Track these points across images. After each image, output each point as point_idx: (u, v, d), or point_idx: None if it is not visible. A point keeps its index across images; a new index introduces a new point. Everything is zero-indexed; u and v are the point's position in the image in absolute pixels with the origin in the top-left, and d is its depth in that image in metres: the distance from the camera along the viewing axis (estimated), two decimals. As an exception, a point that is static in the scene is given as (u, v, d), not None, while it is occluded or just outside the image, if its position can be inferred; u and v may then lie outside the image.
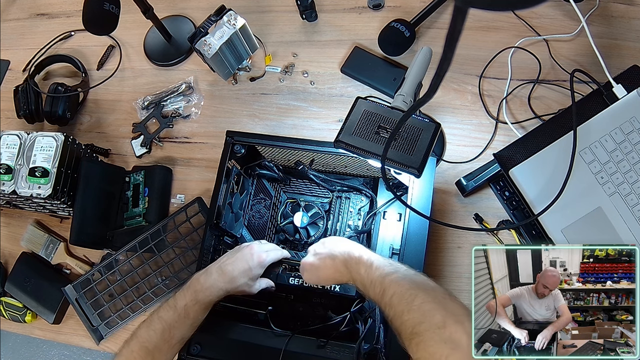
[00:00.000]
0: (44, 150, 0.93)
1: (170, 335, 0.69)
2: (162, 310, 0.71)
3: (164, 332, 0.68)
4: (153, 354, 0.68)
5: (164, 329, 0.69)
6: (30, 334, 1.01)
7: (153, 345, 0.68)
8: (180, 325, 0.70)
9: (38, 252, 1.02)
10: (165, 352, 0.69)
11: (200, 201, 0.97)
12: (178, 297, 0.71)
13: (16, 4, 1.27)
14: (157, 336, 0.68)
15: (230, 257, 0.75)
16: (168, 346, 0.69)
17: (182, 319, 0.69)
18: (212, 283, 0.72)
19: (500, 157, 0.83)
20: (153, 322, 0.70)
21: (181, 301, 0.71)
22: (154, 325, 0.69)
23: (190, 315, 0.70)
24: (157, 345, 0.68)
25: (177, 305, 0.70)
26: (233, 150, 0.85)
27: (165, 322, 0.69)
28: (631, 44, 0.92)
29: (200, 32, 0.93)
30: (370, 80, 0.99)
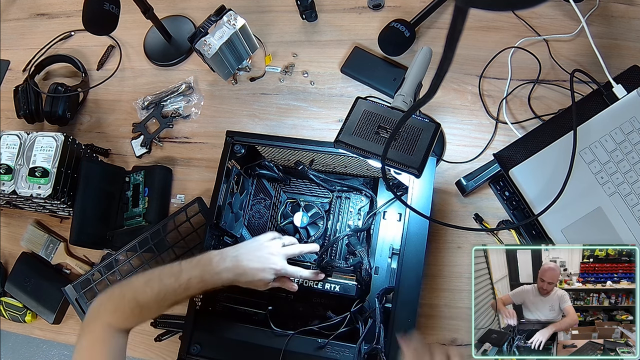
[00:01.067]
0: (44, 150, 0.93)
1: (164, 300, 0.69)
2: (164, 273, 0.70)
3: (159, 295, 0.69)
4: (142, 308, 0.69)
5: (160, 292, 0.69)
6: (30, 334, 1.01)
7: (145, 302, 0.69)
8: (177, 295, 0.70)
9: (38, 252, 1.02)
10: (153, 312, 0.71)
11: (200, 201, 0.97)
12: (184, 268, 0.71)
13: (16, 4, 1.27)
14: (151, 295, 0.69)
15: (250, 252, 0.73)
16: (157, 308, 0.70)
17: (181, 290, 0.69)
18: (223, 269, 0.71)
19: (500, 157, 0.83)
20: (152, 281, 0.70)
21: (186, 274, 0.70)
22: (152, 284, 0.69)
23: (190, 289, 0.70)
24: (147, 303, 0.69)
25: (181, 277, 0.70)
26: (233, 150, 0.85)
27: (164, 286, 0.69)
28: (631, 44, 0.92)
29: (200, 32, 0.93)
30: (370, 80, 0.99)
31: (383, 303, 0.76)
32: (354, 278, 0.78)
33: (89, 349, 0.66)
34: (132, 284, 0.70)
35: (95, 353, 0.65)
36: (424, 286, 0.84)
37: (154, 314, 0.72)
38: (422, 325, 0.84)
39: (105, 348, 0.66)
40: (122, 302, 0.69)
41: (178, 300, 0.70)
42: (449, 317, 0.84)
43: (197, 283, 0.70)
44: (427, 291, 0.85)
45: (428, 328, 0.84)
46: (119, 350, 0.67)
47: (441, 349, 0.62)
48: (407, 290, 0.72)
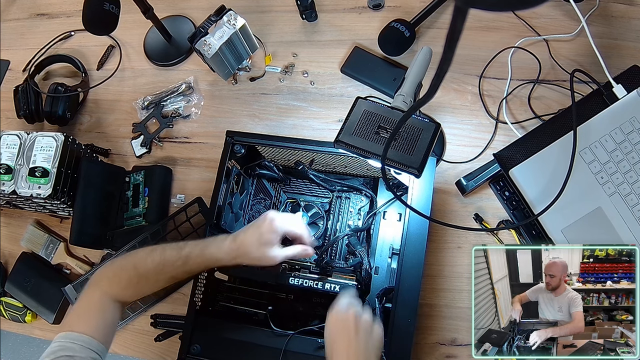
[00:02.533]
0: (44, 150, 0.93)
1: (163, 272, 0.71)
2: (168, 247, 0.73)
3: (159, 266, 0.71)
4: (139, 278, 0.71)
5: (160, 263, 0.71)
6: (30, 334, 1.01)
7: (144, 271, 0.71)
8: (176, 269, 0.72)
9: (38, 252, 1.02)
10: (151, 283, 0.72)
11: (200, 201, 0.97)
12: (188, 244, 0.73)
13: (16, 4, 1.27)
14: (152, 266, 0.71)
15: (246, 225, 0.75)
16: (155, 279, 0.72)
17: (180, 264, 0.71)
18: (222, 244, 0.73)
19: (500, 157, 0.83)
20: (155, 252, 0.72)
21: (188, 248, 0.72)
22: (154, 255, 0.72)
23: (188, 263, 0.72)
24: (147, 273, 0.71)
25: (183, 251, 0.72)
26: (233, 150, 0.85)
27: (165, 258, 0.71)
28: (631, 44, 0.92)
29: (200, 32, 0.93)
30: (370, 80, 0.99)
31: (383, 303, 0.76)
32: (354, 278, 0.78)
33: (84, 312, 0.68)
34: (135, 254, 0.73)
35: (90, 317, 0.67)
36: (424, 286, 0.84)
37: (151, 286, 0.73)
38: (422, 325, 0.84)
39: (100, 314, 0.68)
40: (122, 271, 0.72)
41: (176, 274, 0.72)
42: (449, 317, 0.84)
43: (196, 257, 0.72)
44: (427, 291, 0.85)
45: (428, 328, 0.84)
46: (111, 319, 0.69)
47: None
48: (407, 290, 0.72)
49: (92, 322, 0.66)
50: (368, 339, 0.64)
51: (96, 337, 0.65)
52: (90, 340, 0.64)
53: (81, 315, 0.68)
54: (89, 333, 0.64)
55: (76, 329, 0.65)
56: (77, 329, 0.65)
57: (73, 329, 0.65)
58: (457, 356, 0.83)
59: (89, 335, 0.64)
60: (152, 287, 0.73)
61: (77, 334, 0.64)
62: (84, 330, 0.65)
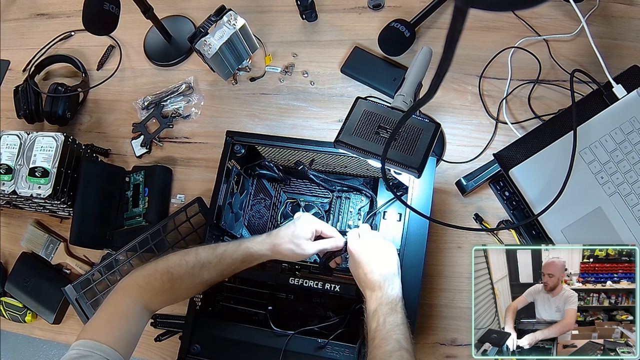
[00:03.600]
0: (44, 150, 0.93)
1: (198, 274, 0.70)
2: (201, 249, 0.72)
3: (194, 268, 0.70)
4: (173, 282, 0.69)
5: (196, 264, 0.70)
6: (30, 334, 1.01)
7: (178, 275, 0.69)
8: (210, 270, 0.71)
9: (38, 252, 1.02)
10: (186, 287, 0.70)
11: (200, 201, 0.97)
12: (221, 244, 0.73)
13: (16, 4, 1.27)
14: (186, 269, 0.69)
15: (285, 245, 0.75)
16: (191, 282, 0.70)
17: (215, 262, 0.71)
18: (256, 238, 0.74)
19: (500, 157, 0.83)
20: (189, 254, 0.71)
21: (222, 247, 0.72)
22: (188, 257, 0.71)
23: (224, 262, 0.71)
24: (181, 277, 0.69)
25: (217, 250, 0.72)
26: (233, 150, 0.85)
27: (199, 259, 0.70)
28: (631, 44, 0.92)
29: (200, 32, 0.93)
30: (370, 80, 0.99)
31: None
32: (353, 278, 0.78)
33: (109, 320, 0.65)
34: (167, 259, 0.71)
35: (114, 326, 0.64)
36: (424, 286, 0.84)
37: (184, 291, 0.70)
38: (422, 325, 0.84)
39: (125, 324, 0.65)
40: (155, 276, 0.69)
41: (212, 275, 0.71)
42: (449, 317, 0.84)
43: (232, 254, 0.72)
44: (427, 291, 0.85)
45: (428, 328, 0.84)
46: (136, 330, 0.66)
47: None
48: (407, 290, 0.72)
49: (115, 332, 0.63)
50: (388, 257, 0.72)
51: (117, 349, 0.61)
52: (111, 351, 0.60)
53: (105, 323, 0.64)
54: (110, 344, 0.61)
55: (98, 338, 0.61)
56: (98, 337, 0.61)
57: (95, 337, 0.61)
58: (457, 356, 0.83)
59: (110, 347, 0.60)
60: (184, 292, 0.71)
61: (97, 344, 0.60)
62: (106, 340, 0.61)
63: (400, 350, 0.63)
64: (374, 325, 0.66)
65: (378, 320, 0.66)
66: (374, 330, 0.65)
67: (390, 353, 0.62)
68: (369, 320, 0.67)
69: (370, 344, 0.65)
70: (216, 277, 0.72)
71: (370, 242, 0.74)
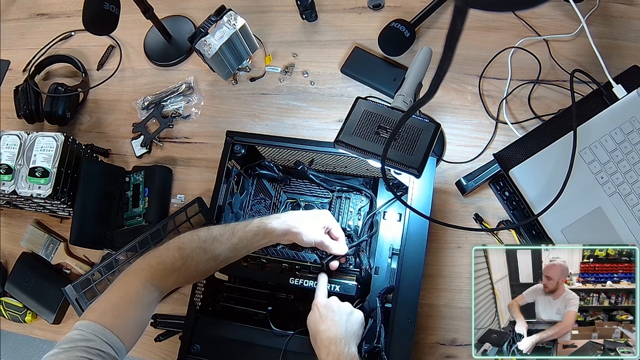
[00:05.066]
0: (44, 151, 0.93)
1: (210, 247, 0.70)
2: (214, 226, 0.73)
3: (206, 242, 0.70)
4: (185, 259, 0.68)
5: (207, 238, 0.70)
6: (30, 334, 1.01)
7: (190, 249, 0.69)
8: (222, 242, 0.71)
9: (38, 252, 1.02)
10: (197, 262, 0.69)
11: (200, 201, 0.97)
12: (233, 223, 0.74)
13: (16, 4, 1.27)
14: (198, 243, 0.70)
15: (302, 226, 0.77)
16: (203, 257, 0.70)
17: (228, 235, 0.71)
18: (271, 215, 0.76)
19: (500, 157, 0.83)
20: (201, 230, 0.71)
21: (234, 223, 0.73)
22: (199, 232, 0.71)
23: (235, 234, 0.71)
24: (193, 251, 0.69)
25: (229, 225, 0.73)
26: (233, 150, 0.85)
27: (211, 233, 0.71)
28: (631, 44, 0.92)
29: (200, 32, 0.93)
30: (370, 80, 0.99)
31: (384, 303, 0.76)
32: (354, 278, 0.78)
33: (117, 305, 0.63)
34: (178, 237, 0.71)
35: (121, 311, 0.63)
36: (424, 286, 0.84)
37: (195, 268, 0.69)
38: (422, 325, 0.84)
39: (133, 309, 0.64)
40: (165, 253, 0.68)
41: (223, 250, 0.71)
42: (449, 317, 0.84)
43: (244, 227, 0.72)
44: (427, 291, 0.85)
45: (428, 328, 0.84)
46: (145, 316, 0.66)
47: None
48: (407, 290, 0.72)
49: (123, 318, 0.62)
50: (349, 319, 0.72)
51: (122, 337, 0.60)
52: (114, 338, 0.59)
53: (114, 307, 0.62)
54: (115, 330, 0.59)
55: (103, 322, 0.59)
56: (104, 321, 0.59)
57: (100, 320, 0.59)
58: (457, 356, 0.83)
59: (115, 334, 0.59)
60: (197, 269, 0.70)
61: (101, 327, 0.59)
62: (112, 325, 0.59)
63: None
64: None
65: None
66: None
67: None
68: None
69: None
70: (228, 253, 0.71)
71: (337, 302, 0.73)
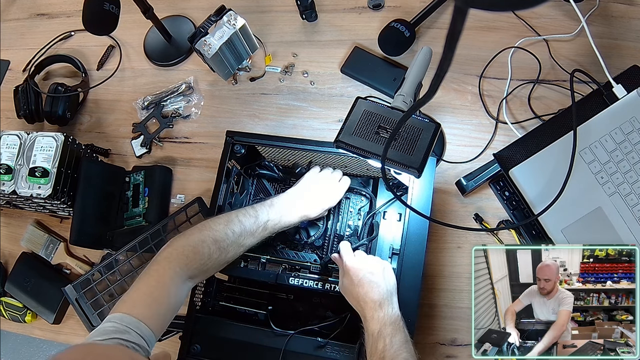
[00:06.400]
0: (44, 150, 0.93)
1: (244, 242, 0.72)
2: (242, 215, 0.73)
3: (240, 237, 0.71)
4: (221, 252, 0.70)
5: (242, 233, 0.71)
6: (30, 334, 1.02)
7: (225, 245, 0.70)
8: (254, 236, 0.72)
9: (38, 252, 1.02)
10: (233, 254, 0.71)
11: (200, 201, 0.97)
12: (259, 211, 0.74)
13: (16, 4, 1.27)
14: (233, 238, 0.71)
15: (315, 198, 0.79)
16: (237, 250, 0.71)
17: (259, 231, 0.73)
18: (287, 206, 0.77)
19: (500, 157, 0.83)
20: (233, 223, 0.72)
21: (264, 216, 0.73)
22: (233, 227, 0.71)
23: (267, 230, 0.73)
24: (228, 247, 0.70)
25: (259, 218, 0.73)
26: (233, 150, 0.85)
27: (244, 227, 0.72)
28: (631, 44, 0.92)
29: (200, 32, 0.93)
30: (370, 80, 0.99)
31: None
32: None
33: (149, 294, 0.63)
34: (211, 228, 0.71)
35: (154, 299, 0.63)
36: (424, 286, 0.84)
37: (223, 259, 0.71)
38: (422, 325, 0.84)
39: (166, 299, 0.64)
40: (202, 245, 0.69)
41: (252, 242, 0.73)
42: (449, 317, 0.84)
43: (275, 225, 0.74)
44: (427, 291, 0.85)
45: (428, 328, 0.84)
46: (176, 304, 0.66)
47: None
48: (407, 290, 0.72)
49: (155, 308, 0.62)
50: (385, 275, 0.72)
51: (153, 327, 0.60)
52: (147, 330, 0.59)
53: (146, 297, 0.63)
54: (147, 321, 0.60)
55: (136, 313, 0.59)
56: (136, 312, 0.59)
57: (132, 312, 0.59)
58: (457, 356, 0.83)
59: (147, 325, 0.59)
60: (223, 261, 0.71)
61: (135, 320, 0.59)
62: (144, 316, 0.60)
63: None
64: (380, 346, 0.65)
65: (385, 341, 0.65)
66: (382, 351, 0.65)
67: None
68: (372, 341, 0.66)
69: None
70: (256, 244, 0.74)
71: (369, 260, 0.73)
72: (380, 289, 0.69)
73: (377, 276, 0.71)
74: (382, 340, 0.65)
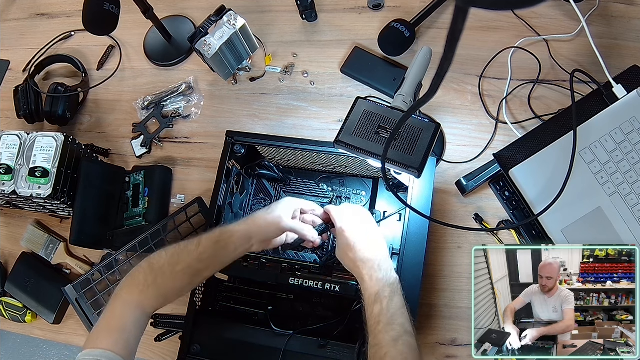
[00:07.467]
0: (44, 151, 0.93)
1: (177, 260, 0.70)
2: (183, 240, 0.73)
3: (173, 256, 0.70)
4: (156, 274, 0.69)
5: (174, 253, 0.71)
6: (30, 334, 1.01)
7: (159, 266, 0.70)
8: (188, 253, 0.71)
9: (38, 252, 1.02)
10: (168, 275, 0.70)
11: (200, 201, 0.97)
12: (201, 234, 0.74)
13: (16, 4, 1.27)
14: (165, 258, 0.70)
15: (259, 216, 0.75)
16: (171, 270, 0.70)
17: (192, 246, 0.71)
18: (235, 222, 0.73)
19: (500, 157, 0.83)
20: (170, 247, 0.72)
21: (199, 237, 0.73)
22: (168, 248, 0.72)
23: (201, 244, 0.71)
24: (162, 267, 0.70)
25: (194, 239, 0.72)
26: (233, 150, 0.85)
27: (178, 246, 0.71)
28: (631, 44, 0.92)
29: (200, 32, 0.93)
30: (370, 80, 0.99)
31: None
32: (354, 278, 0.78)
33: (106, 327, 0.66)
34: (150, 255, 0.72)
35: (111, 331, 0.65)
36: (424, 286, 0.84)
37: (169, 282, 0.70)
38: (422, 325, 0.84)
39: (121, 327, 0.66)
40: (137, 270, 0.70)
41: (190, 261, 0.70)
42: (449, 317, 0.84)
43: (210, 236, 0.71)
44: (427, 291, 0.85)
45: (428, 328, 0.84)
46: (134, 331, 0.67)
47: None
48: (407, 290, 0.72)
49: (115, 336, 0.65)
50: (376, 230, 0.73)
51: (119, 352, 0.63)
52: (115, 357, 0.62)
53: (103, 330, 0.66)
54: (112, 349, 0.63)
55: (100, 345, 0.63)
56: (101, 344, 0.63)
57: (97, 345, 0.63)
58: (457, 356, 0.83)
59: (114, 352, 0.62)
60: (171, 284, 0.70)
61: (102, 351, 0.62)
62: (107, 345, 0.63)
63: (405, 335, 0.63)
64: (377, 310, 0.65)
65: (382, 304, 0.65)
66: (378, 315, 0.65)
67: (396, 339, 0.62)
68: (369, 303, 0.66)
69: (374, 329, 0.64)
70: (197, 264, 0.71)
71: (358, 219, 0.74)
72: (375, 247, 0.70)
73: (371, 235, 0.72)
74: (379, 303, 0.65)
